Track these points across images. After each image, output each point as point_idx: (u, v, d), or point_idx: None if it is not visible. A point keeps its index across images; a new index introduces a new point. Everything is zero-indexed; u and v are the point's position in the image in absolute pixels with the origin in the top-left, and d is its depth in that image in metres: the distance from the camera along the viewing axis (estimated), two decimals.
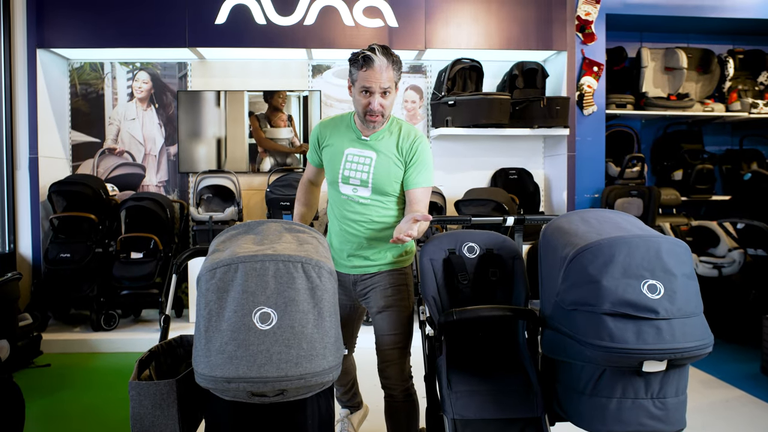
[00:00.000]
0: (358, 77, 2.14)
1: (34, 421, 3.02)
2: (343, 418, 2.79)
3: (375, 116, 2.16)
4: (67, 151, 5.12)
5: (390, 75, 2.12)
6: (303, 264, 1.60)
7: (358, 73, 2.13)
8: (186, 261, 2.17)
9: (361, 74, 2.12)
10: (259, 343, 1.49)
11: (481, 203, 4.63)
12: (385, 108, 2.17)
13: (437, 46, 4.81)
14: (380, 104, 2.14)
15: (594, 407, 1.76)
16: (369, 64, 2.09)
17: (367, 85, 2.11)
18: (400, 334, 2.29)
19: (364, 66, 2.10)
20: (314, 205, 2.58)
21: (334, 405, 1.84)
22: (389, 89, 2.14)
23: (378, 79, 2.10)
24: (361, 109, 2.17)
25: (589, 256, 1.72)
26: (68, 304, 4.75)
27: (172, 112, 5.16)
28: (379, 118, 2.17)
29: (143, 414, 1.56)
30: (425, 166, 2.25)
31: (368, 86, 2.11)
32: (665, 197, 5.25)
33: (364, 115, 2.17)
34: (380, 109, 2.14)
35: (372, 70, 2.09)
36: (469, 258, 2.34)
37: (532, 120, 4.84)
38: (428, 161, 2.27)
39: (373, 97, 2.13)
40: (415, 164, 2.24)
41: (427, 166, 2.26)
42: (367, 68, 2.10)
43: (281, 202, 4.62)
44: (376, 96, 2.13)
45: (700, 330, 1.64)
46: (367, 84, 2.11)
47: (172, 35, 4.68)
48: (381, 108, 2.14)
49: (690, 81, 5.64)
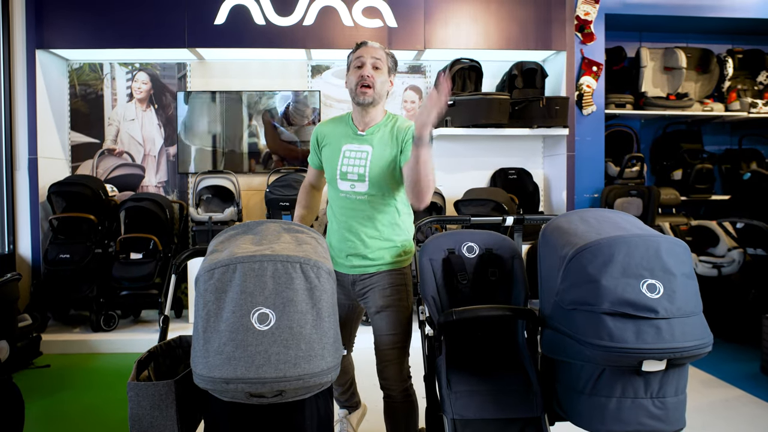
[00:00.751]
0: (352, 58, 2.30)
1: (34, 421, 3.02)
2: (342, 418, 2.78)
3: (366, 87, 2.22)
4: (67, 152, 5.12)
5: (382, 54, 2.27)
6: (301, 264, 1.60)
7: (353, 55, 2.30)
8: (185, 261, 2.17)
9: (355, 53, 2.29)
10: (257, 344, 1.49)
11: (480, 203, 4.63)
12: (376, 82, 2.23)
13: (436, 46, 4.81)
14: (371, 74, 2.22)
15: (593, 407, 1.76)
16: (363, 44, 2.29)
17: (359, 56, 2.26)
18: (399, 334, 2.29)
19: (359, 46, 2.29)
20: (315, 208, 2.58)
21: (333, 405, 1.83)
22: (380, 62, 2.25)
23: (370, 52, 2.25)
24: (354, 81, 2.25)
25: (588, 256, 1.71)
26: (68, 304, 4.75)
27: (171, 112, 5.16)
28: (371, 91, 2.23)
29: (142, 415, 1.55)
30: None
31: (360, 56, 2.25)
32: (665, 197, 5.25)
33: (356, 87, 2.24)
34: (371, 79, 2.22)
35: (365, 47, 2.28)
36: (469, 258, 2.34)
37: (532, 120, 4.84)
38: None
39: (365, 67, 2.23)
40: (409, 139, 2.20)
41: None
42: (361, 47, 2.29)
43: (281, 203, 4.62)
44: (367, 66, 2.23)
45: (699, 329, 1.63)
46: (359, 55, 2.26)
47: (171, 36, 4.68)
48: (371, 79, 2.22)
49: (689, 81, 5.64)
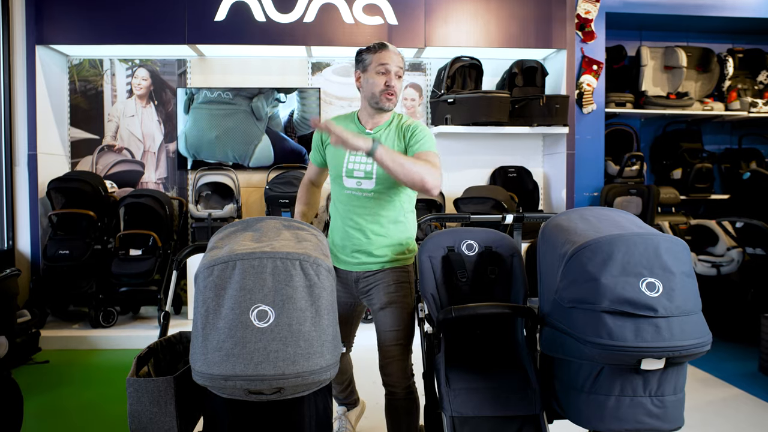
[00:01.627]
0: (372, 59, 2.25)
1: (33, 417, 3.02)
2: (341, 416, 2.79)
3: (392, 94, 2.24)
4: (66, 148, 5.12)
5: (402, 63, 2.29)
6: (301, 261, 1.59)
7: (373, 56, 2.25)
8: (186, 258, 2.17)
9: (377, 56, 2.24)
10: (256, 341, 1.49)
11: (480, 201, 4.63)
12: (398, 90, 2.27)
13: (437, 43, 4.81)
14: (395, 85, 2.24)
15: (592, 405, 1.76)
16: (384, 47, 2.26)
17: (384, 61, 2.23)
18: (403, 330, 2.29)
19: (380, 49, 2.25)
20: (315, 205, 2.59)
21: (331, 403, 1.84)
22: (401, 71, 2.27)
23: (393, 59, 2.24)
24: (379, 88, 2.23)
25: (588, 254, 1.71)
26: (67, 300, 4.75)
27: (171, 109, 5.15)
28: (395, 98, 2.26)
29: (141, 411, 1.55)
30: (426, 138, 2.27)
31: (385, 63, 2.23)
32: (664, 196, 5.25)
33: (381, 94, 2.24)
34: (395, 88, 2.25)
35: (387, 52, 2.25)
36: (468, 256, 2.34)
37: (532, 118, 4.83)
38: (429, 136, 2.29)
39: (390, 75, 2.23)
40: (416, 138, 2.26)
41: (428, 138, 2.27)
42: (383, 50, 2.25)
43: (280, 200, 4.62)
44: (392, 75, 2.23)
45: (698, 328, 1.63)
46: (384, 61, 2.23)
47: (171, 32, 4.67)
48: (395, 88, 2.25)
49: (689, 80, 5.63)
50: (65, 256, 4.40)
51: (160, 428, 1.56)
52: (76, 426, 3.00)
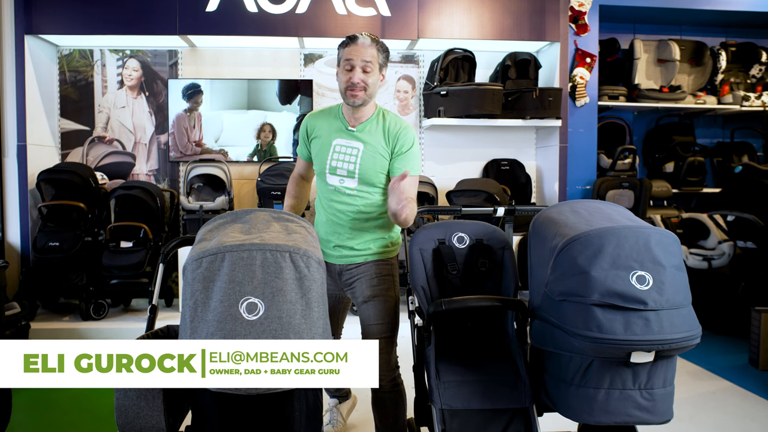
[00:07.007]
0: (342, 54, 2.22)
1: (22, 410, 3.01)
2: (332, 408, 2.79)
3: (356, 90, 2.17)
4: (56, 139, 5.07)
5: (372, 53, 2.19)
6: (291, 253, 1.58)
7: (343, 51, 2.22)
8: (174, 250, 2.14)
9: (345, 51, 2.21)
10: (245, 334, 1.47)
11: (472, 194, 4.63)
12: (367, 84, 2.19)
13: (430, 35, 4.78)
14: (361, 79, 2.17)
15: (582, 398, 1.76)
16: (353, 40, 2.20)
17: (348, 57, 2.18)
18: (386, 324, 2.29)
19: (349, 43, 2.20)
20: (305, 199, 2.57)
21: (322, 395, 1.83)
22: (370, 64, 2.18)
23: (360, 53, 2.17)
24: (344, 84, 2.20)
25: (578, 247, 1.71)
26: (57, 293, 4.71)
27: (162, 100, 5.11)
28: (361, 93, 2.18)
29: (128, 405, 1.54)
30: (412, 156, 2.25)
31: (350, 58, 2.18)
32: (656, 189, 5.27)
33: (345, 90, 2.20)
34: (361, 84, 2.17)
35: (355, 45, 2.19)
36: (459, 248, 2.34)
37: (525, 111, 4.83)
38: (415, 151, 2.27)
39: (354, 71, 2.17)
40: (402, 154, 2.24)
41: (413, 156, 2.26)
42: (351, 44, 2.19)
43: (272, 192, 4.59)
44: (357, 70, 2.17)
45: (688, 321, 1.64)
46: (348, 56, 2.18)
47: (162, 22, 4.62)
48: (362, 83, 2.17)
49: (682, 73, 5.63)
50: (55, 248, 4.36)
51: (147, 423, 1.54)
52: (65, 419, 2.99)
